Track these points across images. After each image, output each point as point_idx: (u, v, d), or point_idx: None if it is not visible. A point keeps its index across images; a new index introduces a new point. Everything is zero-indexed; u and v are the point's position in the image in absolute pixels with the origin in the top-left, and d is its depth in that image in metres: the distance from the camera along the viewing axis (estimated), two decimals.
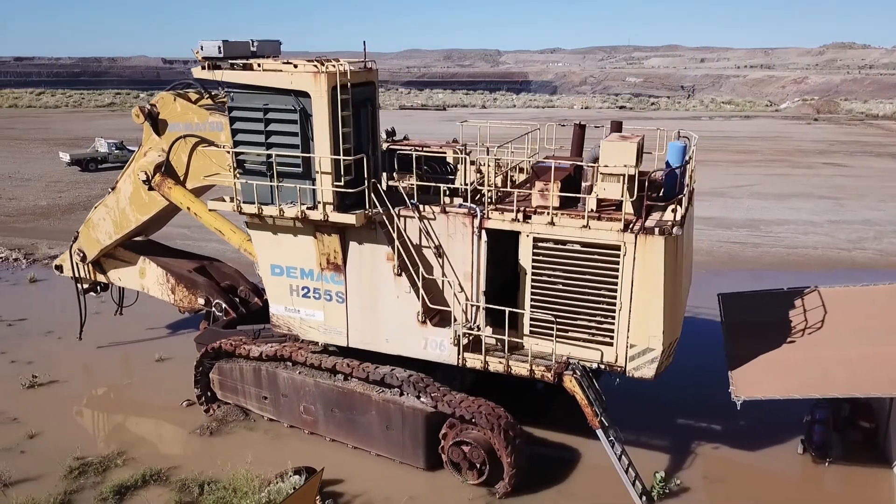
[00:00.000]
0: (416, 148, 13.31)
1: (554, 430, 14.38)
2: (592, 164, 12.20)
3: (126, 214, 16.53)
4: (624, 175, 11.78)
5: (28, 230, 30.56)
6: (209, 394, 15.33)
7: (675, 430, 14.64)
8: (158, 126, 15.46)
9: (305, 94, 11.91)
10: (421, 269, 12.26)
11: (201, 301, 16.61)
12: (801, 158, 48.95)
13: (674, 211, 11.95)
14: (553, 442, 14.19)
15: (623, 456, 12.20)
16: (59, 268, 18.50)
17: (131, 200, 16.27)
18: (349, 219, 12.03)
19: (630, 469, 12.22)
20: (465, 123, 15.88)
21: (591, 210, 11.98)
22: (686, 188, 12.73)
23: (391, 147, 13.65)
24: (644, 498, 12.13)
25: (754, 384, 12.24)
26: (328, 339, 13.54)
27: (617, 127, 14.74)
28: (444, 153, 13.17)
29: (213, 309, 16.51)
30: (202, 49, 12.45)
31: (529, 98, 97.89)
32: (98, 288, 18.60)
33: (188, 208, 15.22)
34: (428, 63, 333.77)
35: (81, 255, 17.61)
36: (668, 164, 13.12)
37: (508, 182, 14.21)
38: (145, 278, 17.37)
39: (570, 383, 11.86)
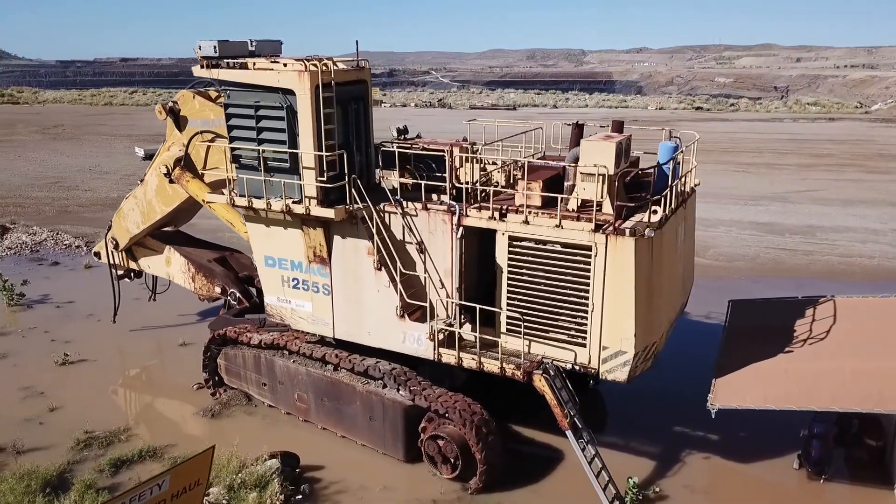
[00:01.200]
0: (415, 145, 13.52)
1: (542, 430, 14.30)
2: (574, 165, 12.16)
3: (152, 205, 17.50)
4: (603, 175, 11.69)
5: (95, 220, 32.53)
6: (216, 378, 16.06)
7: (668, 436, 14.30)
8: (180, 122, 16.33)
9: (292, 92, 12.36)
10: (399, 264, 12.50)
11: (217, 290, 17.38)
12: (878, 163, 46.23)
13: (654, 212, 11.73)
14: (538, 441, 14.15)
15: (596, 459, 12.06)
16: (98, 254, 19.73)
17: (157, 192, 17.21)
18: (329, 213, 12.40)
19: (603, 472, 12.06)
20: (472, 122, 16.01)
21: (573, 210, 11.96)
22: (674, 189, 12.44)
23: (382, 145, 13.93)
24: (617, 503, 11.96)
25: (734, 393, 11.87)
26: (316, 329, 13.99)
27: (618, 127, 14.49)
28: (432, 151, 13.28)
29: (229, 297, 17.24)
30: (200, 49, 13.09)
31: (602, 98, 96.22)
32: (131, 275, 19.72)
33: (203, 200, 15.98)
34: (511, 63, 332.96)
35: (114, 242, 18.74)
36: (658, 165, 12.87)
37: (511, 180, 14.22)
38: (170, 266, 18.31)
39: (539, 382, 11.83)
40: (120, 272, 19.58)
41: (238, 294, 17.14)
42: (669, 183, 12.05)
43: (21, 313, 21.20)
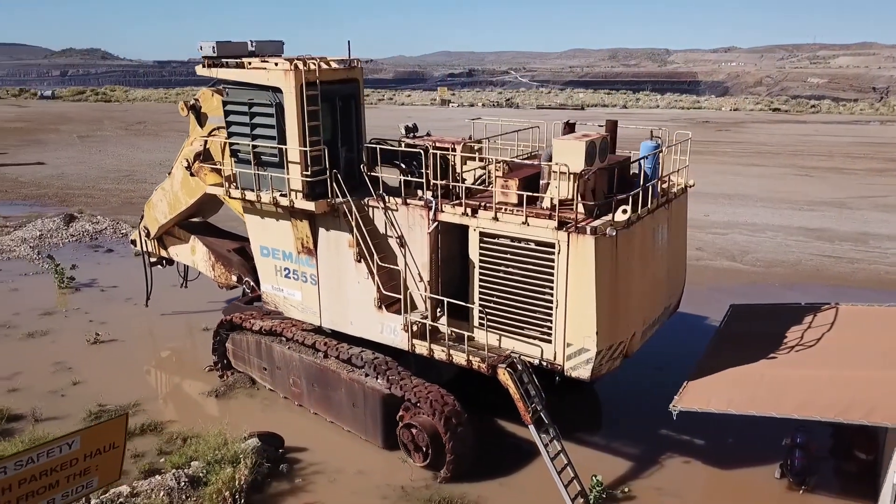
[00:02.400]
0: (424, 143, 13.93)
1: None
2: (548, 163, 12.30)
3: (178, 197, 18.58)
4: (574, 174, 11.81)
5: None
6: (225, 361, 16.95)
7: (652, 438, 14.16)
8: (201, 118, 17.30)
9: (280, 90, 13.00)
10: (375, 257, 12.95)
11: (234, 278, 18.30)
12: None
13: (624, 211, 11.75)
14: (519, 436, 14.27)
15: (561, 454, 12.18)
16: (134, 242, 21.07)
17: (181, 184, 18.27)
18: (311, 206, 12.98)
19: (568, 469, 12.16)
20: (476, 121, 16.32)
21: (546, 208, 12.12)
22: (651, 189, 12.40)
23: (372, 141, 14.39)
24: (581, 500, 12.03)
25: (701, 396, 11.74)
26: (305, 318, 14.62)
27: (611, 126, 14.52)
28: (415, 149, 13.65)
29: (244, 286, 18.14)
30: (201, 49, 13.91)
31: (674, 98, 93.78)
32: (163, 262, 20.95)
33: (205, 192, 16.87)
34: (592, 62, 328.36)
35: (146, 231, 19.98)
36: (639, 164, 12.86)
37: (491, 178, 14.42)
38: (195, 255, 19.38)
39: (503, 376, 12.03)
40: (153, 259, 20.83)
41: (252, 283, 17.99)
42: (642, 183, 12.02)
43: (70, 295, 22.82)
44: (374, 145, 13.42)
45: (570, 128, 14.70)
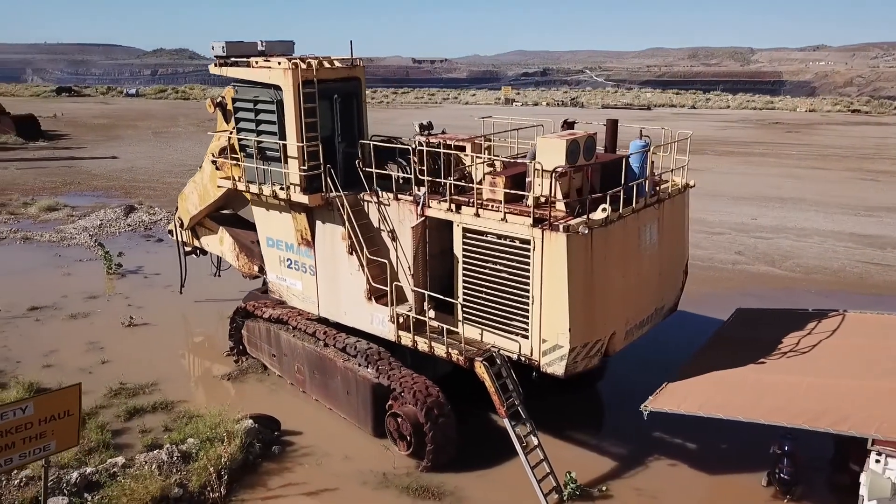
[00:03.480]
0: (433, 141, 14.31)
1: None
2: (532, 161, 12.44)
3: (207, 189, 19.51)
4: (554, 172, 11.94)
5: None
6: (240, 347, 17.75)
7: (642, 439, 14.05)
8: (227, 115, 18.14)
9: (280, 88, 13.60)
10: (365, 249, 13.38)
11: (256, 268, 19.08)
12: None
13: (603, 210, 11.79)
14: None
15: (538, 450, 12.31)
16: (171, 232, 22.22)
17: (210, 178, 19.15)
18: (304, 199, 13.54)
19: (544, 464, 12.29)
20: (487, 119, 16.56)
21: (530, 205, 12.27)
22: (633, 186, 12.37)
23: (374, 138, 14.81)
24: (555, 495, 12.14)
25: (676, 398, 11.65)
26: (306, 307, 15.21)
27: (612, 126, 14.52)
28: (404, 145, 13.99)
29: (264, 275, 18.91)
30: (213, 49, 14.66)
31: (747, 99, 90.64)
32: (197, 252, 22.00)
33: (217, 185, 17.65)
34: (671, 62, 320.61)
35: (180, 221, 21.06)
36: (628, 162, 12.84)
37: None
38: (223, 245, 20.30)
39: (479, 370, 12.26)
40: (187, 249, 21.91)
41: None
42: (623, 182, 12.01)
43: (115, 281, 24.26)
44: (367, 142, 13.81)
45: (568, 126, 14.77)
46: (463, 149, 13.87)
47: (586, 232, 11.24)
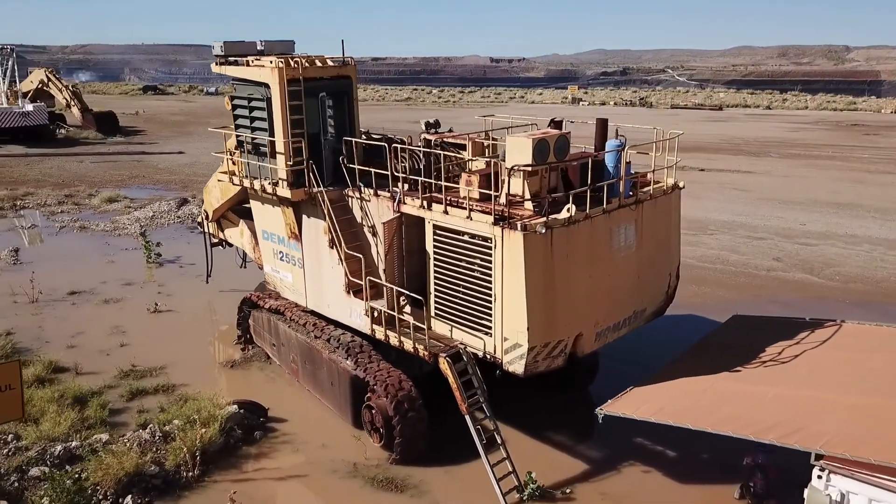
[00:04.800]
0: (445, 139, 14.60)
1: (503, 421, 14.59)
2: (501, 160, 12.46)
3: (227, 184, 20.30)
4: (513, 170, 11.94)
5: None
6: (248, 336, 18.40)
7: (619, 444, 13.82)
8: None
9: (269, 86, 14.06)
10: (343, 244, 13.68)
11: None
12: None
13: (568, 210, 11.70)
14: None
15: (501, 448, 12.32)
16: (200, 224, 23.18)
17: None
18: (287, 193, 13.95)
19: (506, 462, 12.28)
20: (490, 117, 16.65)
21: (502, 203, 12.31)
22: (604, 186, 12.20)
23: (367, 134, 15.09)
24: (516, 495, 12.11)
25: (635, 402, 11.42)
26: (296, 298, 15.65)
27: (601, 125, 14.32)
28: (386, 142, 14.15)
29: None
30: (214, 48, 15.27)
31: (827, 99, 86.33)
32: (223, 243, 22.86)
33: (218, 179, 18.31)
34: (758, 61, 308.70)
35: (206, 214, 21.97)
36: (605, 162, 12.70)
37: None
38: (242, 238, 21.01)
39: (443, 366, 12.36)
40: (214, 240, 22.80)
41: None
42: (589, 181, 11.87)
43: (154, 269, 25.54)
44: (350, 139, 14.10)
45: (556, 125, 14.65)
46: (447, 147, 13.98)
47: (543, 231, 11.17)
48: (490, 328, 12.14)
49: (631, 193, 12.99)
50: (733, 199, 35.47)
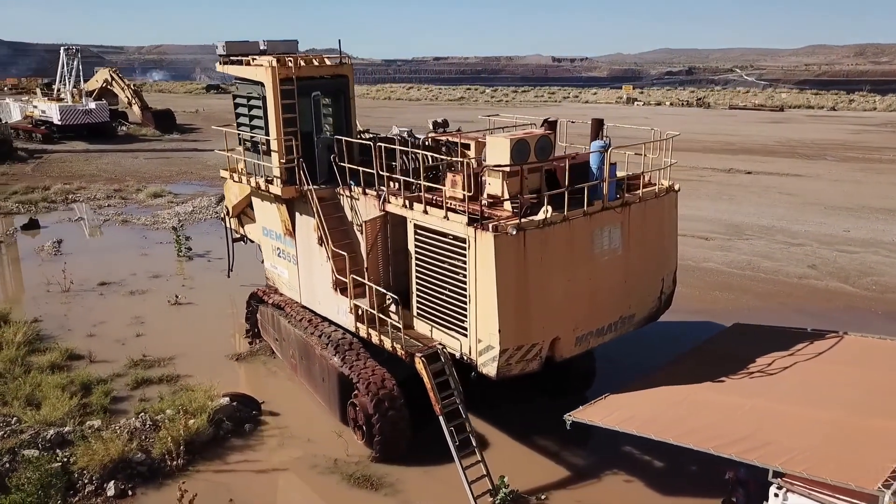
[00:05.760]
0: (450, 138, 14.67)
1: (488, 423, 14.49)
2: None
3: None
4: (503, 171, 11.83)
5: None
6: (256, 330, 18.76)
7: (606, 451, 13.51)
8: None
9: (264, 85, 14.29)
10: (330, 242, 13.79)
11: None
12: None
13: (545, 212, 11.51)
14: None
15: (475, 450, 12.21)
16: (223, 219, 23.73)
17: None
18: (278, 190, 14.15)
19: (480, 465, 12.17)
20: (494, 117, 16.56)
21: (484, 203, 12.24)
22: (586, 189, 11.96)
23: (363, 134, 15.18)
24: (488, 498, 11.99)
25: (606, 409, 11.16)
26: (292, 294, 15.86)
27: (597, 125, 14.06)
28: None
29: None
30: (217, 48, 15.61)
31: None
32: (245, 239, 23.35)
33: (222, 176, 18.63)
34: (833, 60, 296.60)
35: (227, 210, 22.48)
36: (589, 162, 12.47)
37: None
38: (259, 234, 21.47)
39: (418, 365, 12.32)
40: (236, 236, 23.32)
41: None
42: (558, 182, 11.66)
43: (183, 263, 26.29)
44: (341, 137, 14.20)
45: (549, 125, 14.44)
46: (452, 147, 13.95)
47: (514, 233, 11.01)
48: (466, 329, 12.04)
49: (618, 196, 12.66)
50: (776, 204, 34.18)
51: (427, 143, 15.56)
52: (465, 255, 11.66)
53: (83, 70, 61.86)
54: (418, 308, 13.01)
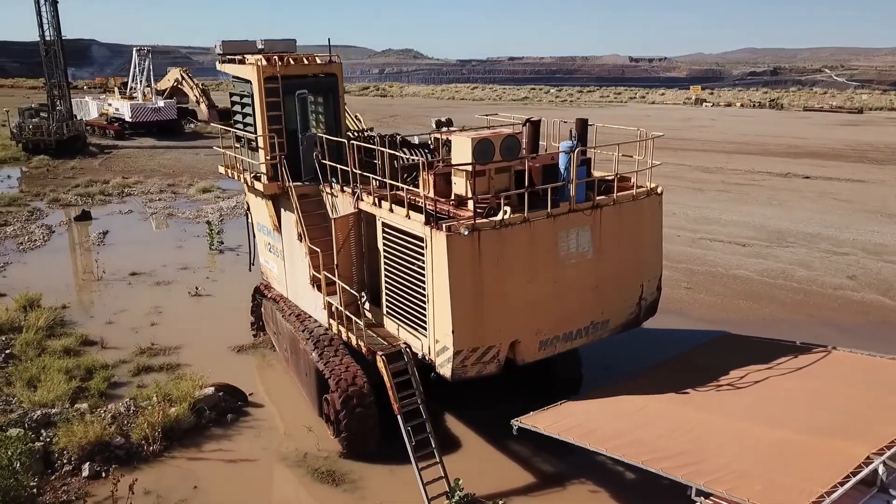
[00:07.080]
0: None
1: (469, 427, 14.37)
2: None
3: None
4: (467, 171, 11.71)
5: None
6: (260, 323, 19.15)
7: (580, 460, 13.08)
8: None
9: (251, 83, 14.56)
10: (307, 238, 13.93)
11: None
12: None
13: (504, 213, 11.32)
14: (454, 432, 14.22)
15: (434, 451, 12.10)
16: (245, 214, 24.32)
17: None
18: (259, 186, 14.40)
19: (438, 466, 12.06)
20: (492, 116, 16.43)
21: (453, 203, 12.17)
22: (549, 189, 11.68)
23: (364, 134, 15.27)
24: (445, 500, 11.87)
25: (556, 416, 10.86)
26: (280, 289, 16.10)
27: (581, 125, 13.73)
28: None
29: None
30: (216, 47, 16.00)
31: None
32: None
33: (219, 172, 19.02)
34: None
35: (247, 205, 23.03)
36: (558, 163, 12.20)
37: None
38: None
39: (379, 363, 12.30)
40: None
41: None
42: (533, 183, 11.41)
43: (214, 256, 27.12)
44: (323, 136, 14.32)
45: (532, 126, 14.16)
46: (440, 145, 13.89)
47: (466, 233, 10.85)
48: (425, 329, 11.95)
49: (588, 198, 12.29)
50: (829, 210, 32.47)
51: (429, 142, 15.52)
52: (423, 255, 11.57)
53: (166, 70, 64.63)
54: (387, 306, 13.00)
